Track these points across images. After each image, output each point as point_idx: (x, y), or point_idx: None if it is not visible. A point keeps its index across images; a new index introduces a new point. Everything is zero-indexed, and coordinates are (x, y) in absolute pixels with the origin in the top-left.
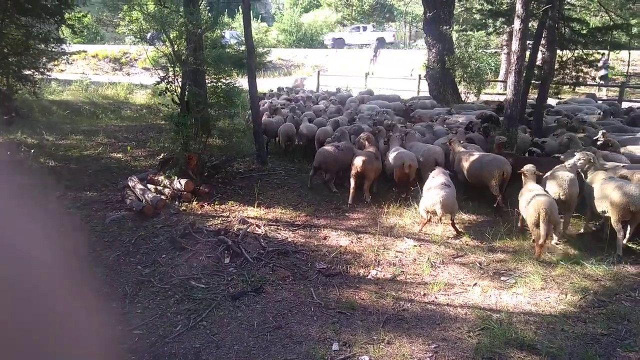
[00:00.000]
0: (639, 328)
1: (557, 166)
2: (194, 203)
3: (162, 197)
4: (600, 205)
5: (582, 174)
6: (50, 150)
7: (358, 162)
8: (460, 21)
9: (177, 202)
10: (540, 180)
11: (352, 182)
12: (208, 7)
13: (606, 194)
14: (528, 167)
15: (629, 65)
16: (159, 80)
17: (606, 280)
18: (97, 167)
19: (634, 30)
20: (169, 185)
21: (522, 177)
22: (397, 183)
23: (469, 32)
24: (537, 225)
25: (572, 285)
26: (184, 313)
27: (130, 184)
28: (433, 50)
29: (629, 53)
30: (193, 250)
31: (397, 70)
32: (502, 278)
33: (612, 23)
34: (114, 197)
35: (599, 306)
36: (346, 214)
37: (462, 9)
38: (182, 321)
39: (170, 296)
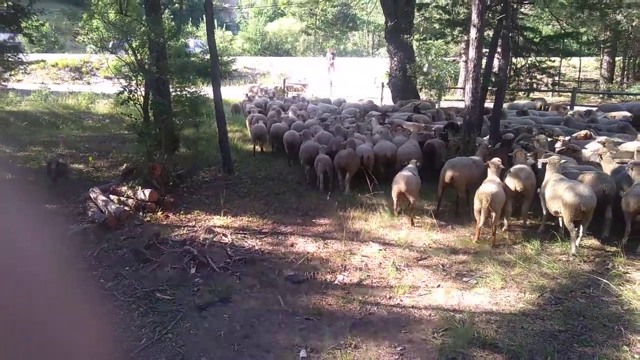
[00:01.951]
0: (594, 324)
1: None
2: (159, 213)
3: (126, 208)
4: (553, 206)
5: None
6: (7, 163)
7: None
8: (421, 30)
9: (141, 213)
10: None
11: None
12: (172, 16)
13: (558, 194)
14: (494, 160)
15: (580, 71)
16: (121, 89)
17: (562, 278)
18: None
19: (584, 38)
20: (132, 196)
21: (488, 169)
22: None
23: (428, 41)
24: (479, 211)
25: (530, 284)
26: (149, 326)
27: (92, 195)
28: (395, 59)
29: (580, 60)
30: (158, 262)
31: (361, 78)
32: (464, 279)
33: (563, 31)
34: (76, 210)
35: (556, 303)
36: (313, 220)
37: (422, 18)
38: (146, 334)
39: (135, 309)
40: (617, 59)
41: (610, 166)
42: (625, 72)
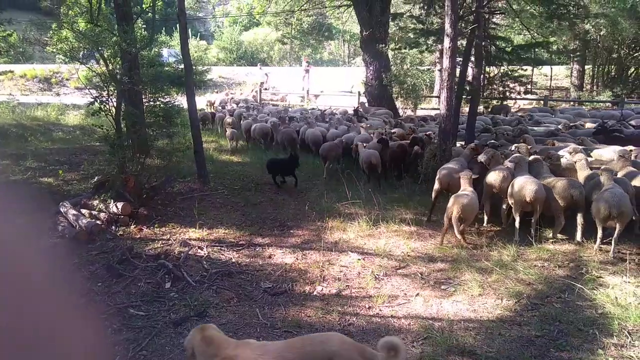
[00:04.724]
0: (569, 328)
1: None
2: (132, 227)
3: (98, 222)
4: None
5: None
6: None
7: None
8: (396, 40)
9: (113, 227)
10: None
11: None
12: (144, 25)
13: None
14: (464, 173)
15: (551, 79)
16: (92, 100)
17: (538, 284)
18: (26, 193)
19: (554, 47)
20: (104, 210)
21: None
22: None
23: (404, 50)
24: (449, 218)
25: (507, 290)
26: (122, 343)
27: (62, 209)
28: (371, 68)
29: (551, 68)
30: (131, 277)
31: (337, 87)
32: (442, 287)
33: (534, 41)
34: (45, 225)
35: (533, 309)
36: (291, 231)
37: (397, 28)
38: (120, 352)
39: (107, 326)
40: (587, 67)
41: (584, 173)
42: (595, 80)
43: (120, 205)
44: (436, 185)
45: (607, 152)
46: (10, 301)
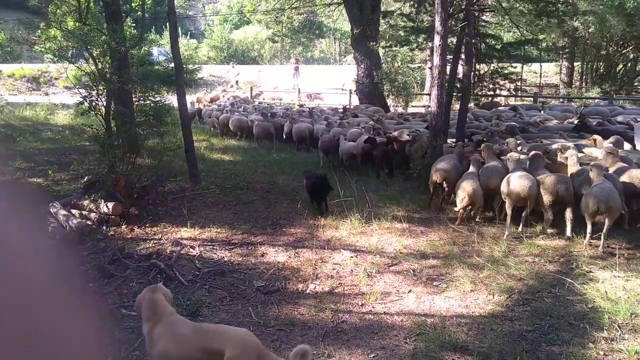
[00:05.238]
0: (560, 323)
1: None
2: (123, 227)
3: (88, 222)
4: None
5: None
6: None
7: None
8: (387, 37)
9: (104, 227)
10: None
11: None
12: (134, 24)
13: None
14: (475, 156)
15: (540, 77)
16: (81, 99)
17: (529, 279)
18: (15, 193)
19: (543, 44)
20: (95, 210)
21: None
22: None
23: (394, 48)
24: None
25: (499, 286)
26: (115, 344)
27: (52, 210)
28: (362, 66)
29: (540, 66)
30: (123, 277)
31: (329, 85)
32: (434, 283)
33: (523, 38)
34: (35, 226)
35: (524, 304)
36: (283, 229)
37: (388, 25)
38: (112, 353)
39: (100, 327)
40: (576, 64)
41: (574, 169)
42: (584, 77)
43: (110, 205)
44: (433, 178)
45: (597, 150)
46: (7, 301)
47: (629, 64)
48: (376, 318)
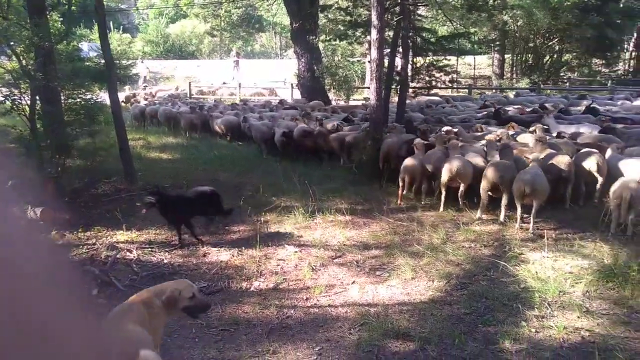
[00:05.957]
0: (495, 304)
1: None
2: (54, 233)
3: None
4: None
5: None
6: None
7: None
8: (327, 31)
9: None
10: None
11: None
12: (61, 19)
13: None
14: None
15: (474, 69)
16: (2, 98)
17: (466, 264)
18: None
19: (475, 37)
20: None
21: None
22: None
23: (334, 42)
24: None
25: (438, 272)
26: None
27: None
28: (302, 60)
29: (474, 58)
30: None
31: (269, 79)
32: (377, 273)
33: (456, 32)
34: None
35: (461, 288)
36: (226, 227)
37: (326, 20)
38: None
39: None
40: (506, 56)
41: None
42: (514, 68)
43: (38, 210)
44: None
45: (527, 136)
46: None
47: (555, 56)
48: (321, 311)
